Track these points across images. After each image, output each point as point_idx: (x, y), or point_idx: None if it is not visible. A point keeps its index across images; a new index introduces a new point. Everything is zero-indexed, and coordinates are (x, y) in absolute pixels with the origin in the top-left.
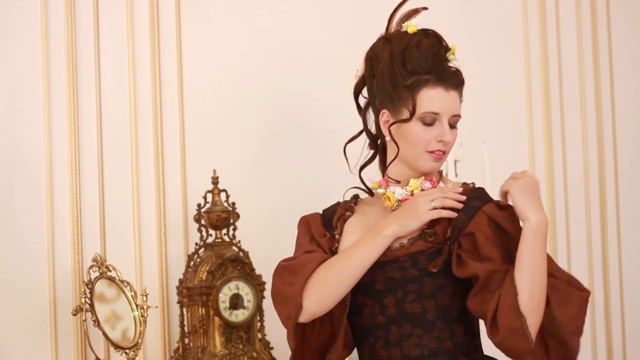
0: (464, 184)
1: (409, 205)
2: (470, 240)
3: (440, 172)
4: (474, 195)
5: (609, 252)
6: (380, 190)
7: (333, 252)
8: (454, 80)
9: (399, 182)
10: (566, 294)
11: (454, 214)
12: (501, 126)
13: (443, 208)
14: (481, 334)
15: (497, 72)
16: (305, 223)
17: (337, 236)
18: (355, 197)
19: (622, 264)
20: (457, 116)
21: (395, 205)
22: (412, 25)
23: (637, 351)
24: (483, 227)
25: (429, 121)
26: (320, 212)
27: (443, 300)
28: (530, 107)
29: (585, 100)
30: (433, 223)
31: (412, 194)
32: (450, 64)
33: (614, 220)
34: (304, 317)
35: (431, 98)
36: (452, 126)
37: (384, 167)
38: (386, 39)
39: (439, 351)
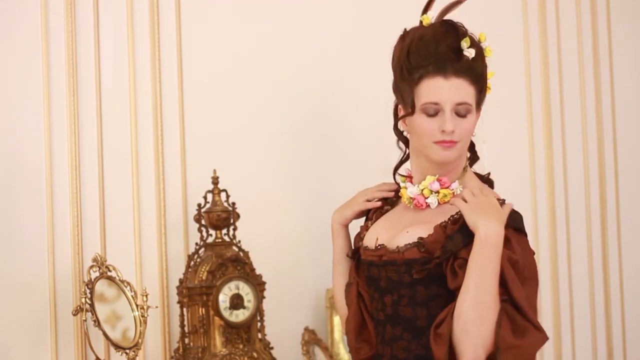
0: (485, 175)
1: (352, 197)
2: (468, 256)
3: (465, 167)
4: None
5: (609, 252)
6: (402, 185)
7: (361, 239)
8: (456, 67)
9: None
10: (523, 326)
11: (377, 204)
12: (501, 126)
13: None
14: None
15: (497, 72)
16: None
17: (369, 226)
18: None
19: (622, 264)
20: (464, 104)
21: (408, 203)
22: (426, 17)
23: (637, 351)
24: None
25: (432, 112)
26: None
27: (436, 310)
28: (530, 107)
29: (585, 100)
30: (427, 234)
31: (421, 193)
32: (462, 53)
33: (614, 220)
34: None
35: (430, 88)
36: (461, 114)
37: None
38: (402, 35)
39: (425, 359)
